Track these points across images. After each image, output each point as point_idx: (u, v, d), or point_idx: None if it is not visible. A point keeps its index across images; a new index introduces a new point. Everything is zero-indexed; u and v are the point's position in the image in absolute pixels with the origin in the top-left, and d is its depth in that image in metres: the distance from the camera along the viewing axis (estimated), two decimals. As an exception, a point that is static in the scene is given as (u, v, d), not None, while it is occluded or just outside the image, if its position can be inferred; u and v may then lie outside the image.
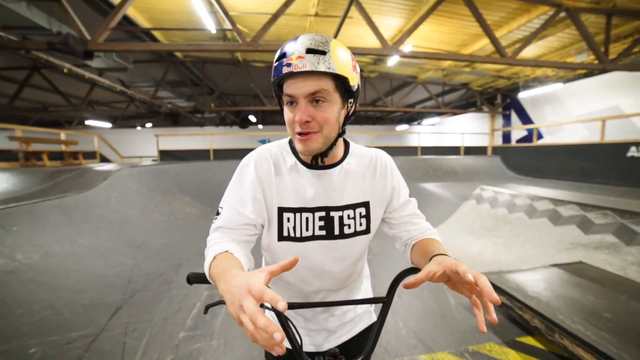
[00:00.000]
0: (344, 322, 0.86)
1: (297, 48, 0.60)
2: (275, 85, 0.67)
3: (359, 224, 0.76)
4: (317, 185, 0.73)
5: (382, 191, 0.79)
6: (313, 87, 0.61)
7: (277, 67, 0.62)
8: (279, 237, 0.74)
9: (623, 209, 3.05)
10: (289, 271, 0.76)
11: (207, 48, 3.91)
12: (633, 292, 2.20)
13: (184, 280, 3.10)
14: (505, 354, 1.96)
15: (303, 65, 0.59)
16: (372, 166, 0.79)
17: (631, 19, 5.09)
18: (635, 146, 6.50)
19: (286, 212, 0.73)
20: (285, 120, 0.68)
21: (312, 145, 0.66)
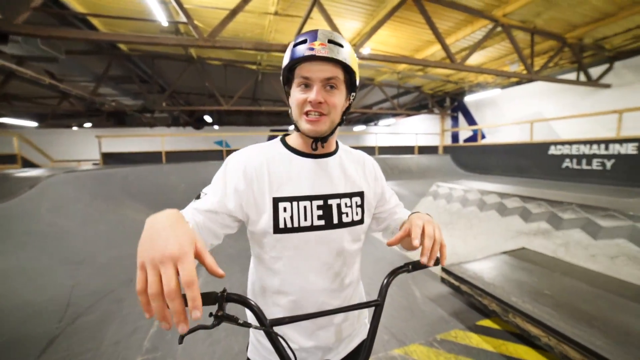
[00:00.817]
0: (340, 339, 0.81)
1: (319, 37, 0.67)
2: (286, 70, 0.71)
3: (355, 213, 0.78)
4: (314, 173, 0.75)
5: (374, 187, 0.84)
6: (329, 73, 0.68)
7: (296, 50, 0.67)
8: (274, 229, 0.70)
9: (552, 199, 3.51)
10: (291, 273, 0.73)
11: (159, 41, 3.52)
12: (563, 270, 2.54)
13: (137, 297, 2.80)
14: (469, 338, 2.11)
15: (326, 51, 0.65)
16: (362, 163, 0.85)
17: (547, 38, 5.99)
18: (554, 145, 7.58)
19: (282, 201, 0.71)
20: (292, 101, 0.71)
21: (320, 127, 0.70)
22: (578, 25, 5.70)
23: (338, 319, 0.79)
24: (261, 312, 0.62)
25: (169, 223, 0.45)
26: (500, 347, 2.00)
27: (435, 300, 2.63)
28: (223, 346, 2.06)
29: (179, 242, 0.41)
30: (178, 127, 13.43)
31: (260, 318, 0.62)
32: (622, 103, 6.64)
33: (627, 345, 1.58)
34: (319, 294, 0.75)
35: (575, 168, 7.10)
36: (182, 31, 5.79)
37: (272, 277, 0.75)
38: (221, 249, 3.98)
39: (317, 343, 0.77)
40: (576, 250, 2.96)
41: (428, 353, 1.97)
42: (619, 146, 6.37)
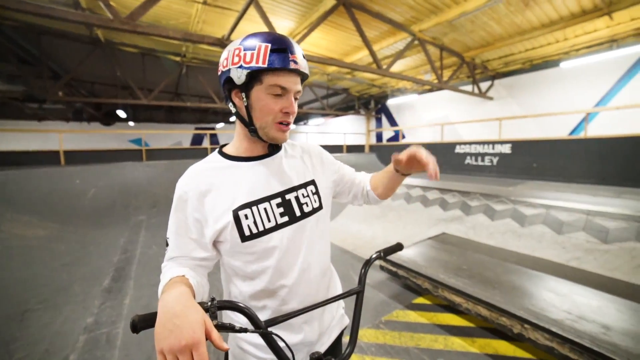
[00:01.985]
0: (323, 331, 0.84)
1: (296, 49, 0.68)
2: (252, 71, 0.67)
3: (313, 200, 0.80)
4: (265, 174, 0.76)
5: (323, 171, 0.89)
6: (299, 87, 0.72)
7: (277, 57, 0.65)
8: (241, 238, 0.70)
9: (463, 190, 4.22)
10: (270, 274, 0.74)
11: (56, 14, 2.80)
12: (473, 248, 3.09)
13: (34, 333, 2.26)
14: (408, 315, 2.39)
15: (304, 66, 0.69)
16: (307, 152, 0.89)
17: (451, 55, 7.17)
18: (458, 145, 9.10)
19: (241, 209, 0.70)
20: (263, 108, 0.70)
21: (287, 135, 0.75)
22: (472, 48, 7.00)
23: (319, 311, 0.81)
24: (255, 315, 0.61)
25: (180, 308, 0.50)
26: (433, 318, 2.33)
27: (376, 287, 2.88)
28: None
29: (192, 329, 0.46)
30: (81, 122, 11.21)
31: (256, 321, 0.60)
32: (501, 112, 8.44)
33: (513, 296, 2.08)
34: (301, 287, 0.76)
35: (474, 164, 8.66)
36: (84, 6, 4.85)
37: (251, 283, 0.73)
38: (150, 259, 3.52)
39: (303, 338, 0.78)
40: (480, 231, 3.64)
41: (376, 334, 2.15)
42: (500, 146, 8.05)
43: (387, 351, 1.98)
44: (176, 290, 0.55)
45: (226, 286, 0.81)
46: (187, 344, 0.45)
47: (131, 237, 4.29)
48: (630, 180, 5.66)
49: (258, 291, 0.73)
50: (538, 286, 2.22)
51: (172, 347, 0.45)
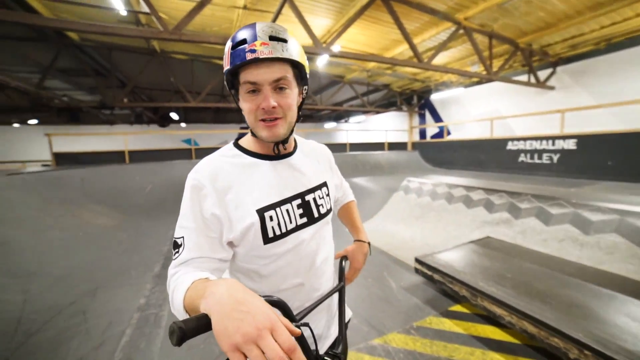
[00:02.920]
0: (329, 321, 0.86)
1: (259, 34, 0.61)
2: (229, 74, 0.66)
3: (327, 202, 0.81)
4: (285, 174, 0.74)
5: (331, 175, 0.90)
6: (278, 74, 0.63)
7: (235, 54, 0.62)
8: (264, 240, 0.68)
9: (512, 190, 3.83)
10: (286, 276, 0.74)
11: (118, 32, 3.24)
12: (521, 255, 2.78)
13: (103, 306, 2.61)
14: (442, 323, 2.24)
15: (269, 51, 0.60)
16: (319, 153, 0.88)
17: (502, 42, 6.48)
18: (511, 141, 8.25)
19: (267, 210, 0.68)
20: (244, 109, 0.67)
21: (278, 131, 0.67)
22: (527, 32, 6.25)
23: (327, 303, 0.85)
24: (289, 308, 0.58)
25: (242, 295, 0.41)
26: (470, 329, 2.16)
27: (409, 290, 2.76)
28: (202, 350, 2.00)
29: (263, 311, 0.39)
30: (142, 124, 12.60)
31: (289, 314, 0.58)
32: (564, 104, 7.42)
33: (571, 315, 1.81)
34: (311, 284, 0.78)
35: (528, 162, 7.79)
36: (143, 22, 5.42)
37: (262, 283, 0.74)
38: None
39: (315, 330, 0.80)
40: (531, 236, 3.26)
41: (406, 340, 2.06)
42: (563, 142, 7.10)
43: (416, 359, 1.89)
44: (222, 283, 0.45)
45: None
46: (264, 326, 0.37)
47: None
48: None
49: (268, 290, 0.74)
50: (608, 307, 1.88)
51: (249, 335, 0.37)
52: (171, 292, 0.57)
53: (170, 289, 0.58)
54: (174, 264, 0.63)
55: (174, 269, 0.62)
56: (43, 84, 6.72)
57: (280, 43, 0.62)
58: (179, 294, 0.53)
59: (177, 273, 0.60)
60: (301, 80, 0.71)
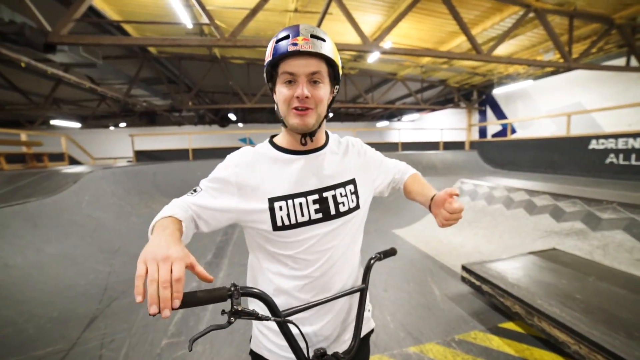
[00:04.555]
0: (344, 328, 0.83)
1: (301, 32, 0.68)
2: (269, 66, 0.71)
3: (351, 200, 0.80)
4: (306, 169, 0.77)
5: (366, 167, 0.88)
6: (314, 67, 0.69)
7: (278, 47, 0.68)
8: (273, 227, 0.73)
9: (589, 197, 3.25)
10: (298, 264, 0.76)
11: (183, 43, 3.69)
12: (599, 274, 2.35)
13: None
14: (489, 340, 2.03)
15: (309, 46, 0.67)
16: (351, 149, 0.88)
17: (589, 21, 5.48)
18: (595, 139, 6.97)
19: (277, 201, 0.73)
20: (279, 98, 0.72)
21: (308, 120, 0.71)
22: (630, 3, 5.12)
23: (331, 305, 0.80)
24: (274, 304, 0.64)
25: (171, 239, 0.55)
26: (524, 351, 1.91)
27: (454, 300, 2.56)
28: (242, 334, 2.15)
29: (176, 250, 0.51)
30: (204, 125, 13.98)
31: (274, 309, 0.63)
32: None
33: None
34: (322, 281, 0.77)
35: (621, 164, 6.49)
36: (206, 32, 6.01)
37: (277, 265, 0.77)
38: (244, 242, 4.12)
39: (317, 330, 0.79)
40: (617, 253, 2.73)
41: (445, 353, 1.92)
42: (673, 139, 5.74)
43: (456, 374, 1.75)
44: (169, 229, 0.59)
45: (253, 270, 0.85)
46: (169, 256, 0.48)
47: (232, 221, 5.13)
48: None
49: (280, 274, 0.77)
50: None
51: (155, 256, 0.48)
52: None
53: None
54: (185, 198, 0.74)
55: (183, 198, 0.74)
56: (129, 93, 7.94)
57: (319, 41, 0.68)
58: (156, 217, 0.66)
59: (176, 200, 0.73)
60: (334, 78, 0.75)
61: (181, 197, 0.74)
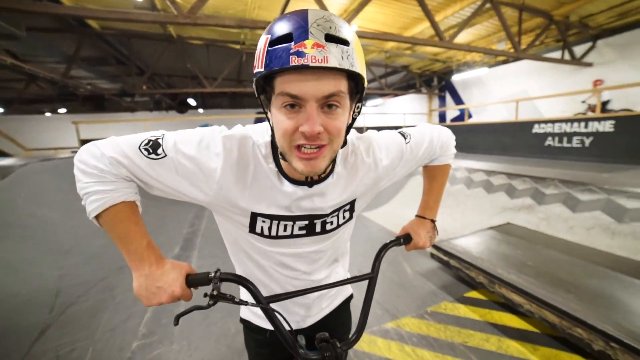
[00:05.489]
0: (322, 295, 0.82)
1: (312, 30, 0.44)
2: (261, 78, 0.48)
3: (342, 217, 0.70)
4: (305, 198, 0.63)
5: (376, 181, 0.71)
6: (330, 88, 0.46)
7: (274, 54, 0.45)
8: (250, 229, 0.65)
9: (536, 175, 3.63)
10: (275, 263, 0.71)
11: (133, 17, 3.26)
12: (544, 242, 2.67)
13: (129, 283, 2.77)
14: (457, 309, 2.21)
15: (323, 58, 0.43)
16: (359, 165, 0.68)
17: (535, 15, 5.97)
18: (537, 124, 7.75)
19: (261, 217, 0.63)
20: (276, 127, 0.51)
21: (318, 165, 0.52)
22: (565, 2, 5.70)
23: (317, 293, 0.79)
24: (257, 290, 0.62)
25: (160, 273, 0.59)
26: (486, 315, 2.12)
27: (425, 275, 2.73)
28: (220, 327, 2.09)
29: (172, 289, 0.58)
30: (160, 111, 12.92)
31: (257, 295, 0.62)
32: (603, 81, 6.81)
33: (596, 306, 1.73)
34: (305, 276, 0.75)
35: (557, 146, 7.31)
36: (159, 7, 5.43)
37: (256, 266, 0.73)
38: (214, 232, 3.96)
39: (307, 309, 0.80)
40: (556, 223, 3.11)
41: (419, 325, 2.06)
42: (597, 124, 6.57)
43: (430, 343, 1.88)
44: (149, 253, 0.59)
45: (234, 262, 0.81)
46: (171, 301, 0.58)
47: (198, 213, 4.86)
48: None
49: (257, 270, 0.73)
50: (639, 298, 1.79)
51: (160, 304, 0.58)
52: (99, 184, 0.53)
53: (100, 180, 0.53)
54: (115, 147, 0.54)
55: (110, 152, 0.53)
56: (68, 73, 6.98)
57: (340, 46, 0.45)
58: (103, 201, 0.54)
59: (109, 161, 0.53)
60: (356, 92, 0.53)
61: (127, 144, 0.54)
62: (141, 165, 0.55)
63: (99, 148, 0.54)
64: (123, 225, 0.57)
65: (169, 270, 0.59)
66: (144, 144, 0.55)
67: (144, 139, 0.56)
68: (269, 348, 0.83)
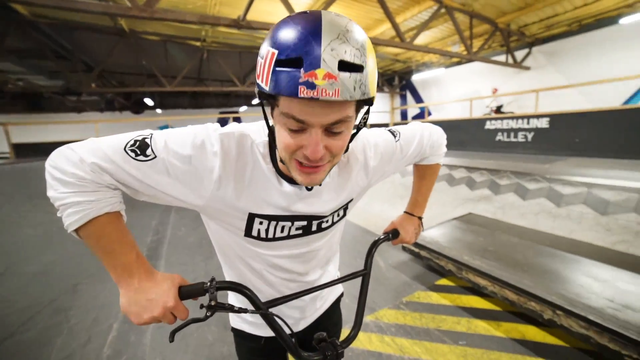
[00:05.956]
0: (315, 296, 0.82)
1: (325, 57, 0.40)
2: (265, 94, 0.47)
3: (337, 215, 0.71)
4: (302, 199, 0.63)
5: (369, 182, 0.73)
6: (337, 116, 0.45)
7: (281, 76, 0.42)
8: (246, 233, 0.63)
9: (492, 168, 3.97)
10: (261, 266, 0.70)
11: (78, 7, 2.89)
12: (502, 229, 2.93)
13: (87, 302, 2.52)
14: (430, 296, 2.35)
15: (335, 91, 0.41)
16: (353, 166, 0.69)
17: (483, 22, 6.54)
18: (489, 121, 8.50)
19: (259, 218, 0.62)
20: (278, 139, 0.51)
21: (317, 177, 0.52)
22: (506, 12, 6.33)
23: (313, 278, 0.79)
24: (255, 296, 0.60)
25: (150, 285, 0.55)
26: (456, 300, 2.27)
27: (398, 268, 2.85)
28: (196, 338, 1.99)
29: (164, 301, 0.54)
30: (114, 111, 11.85)
31: (255, 301, 0.60)
32: (539, 83, 7.68)
33: (545, 280, 1.97)
34: (299, 277, 0.75)
35: (505, 140, 8.07)
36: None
37: (251, 270, 0.71)
38: (180, 239, 3.75)
39: (301, 311, 0.80)
40: (510, 211, 3.43)
41: (396, 315, 2.15)
42: (536, 120, 7.38)
43: (407, 332, 1.97)
44: (138, 266, 0.54)
45: (224, 261, 0.77)
46: (164, 313, 0.53)
47: (162, 219, 4.57)
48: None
49: (251, 275, 0.72)
50: (574, 271, 2.07)
51: (152, 319, 0.53)
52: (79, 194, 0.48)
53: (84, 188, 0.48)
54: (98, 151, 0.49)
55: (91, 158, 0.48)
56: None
57: (354, 75, 0.42)
58: (84, 213, 0.48)
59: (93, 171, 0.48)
60: (363, 105, 0.52)
61: (111, 147, 0.49)
62: (128, 169, 0.50)
63: (76, 152, 0.48)
64: (109, 238, 0.52)
65: (161, 282, 0.54)
66: (130, 145, 0.50)
67: (129, 140, 0.51)
68: (263, 356, 0.81)
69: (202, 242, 3.57)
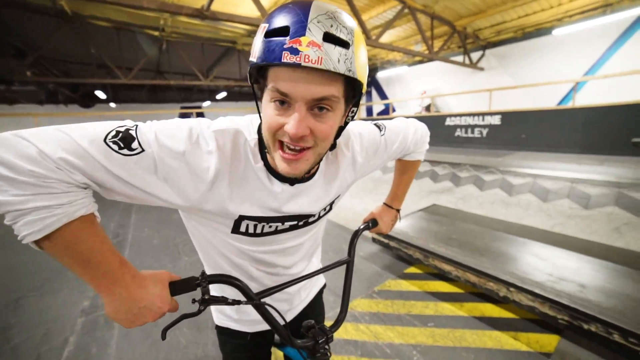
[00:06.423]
0: (300, 287, 0.85)
1: (310, 26, 0.41)
2: (254, 69, 0.47)
3: (323, 209, 0.71)
4: (292, 199, 0.62)
5: (355, 178, 0.74)
6: (322, 92, 0.44)
7: (269, 45, 0.42)
8: (233, 230, 0.62)
9: (453, 162, 4.26)
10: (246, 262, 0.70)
11: None
12: (463, 218, 3.17)
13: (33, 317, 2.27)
14: (400, 284, 2.48)
15: (318, 58, 0.41)
16: (340, 163, 0.68)
17: (442, 24, 6.94)
18: (449, 117, 9.08)
19: (247, 219, 0.60)
20: (263, 118, 0.50)
21: (300, 167, 0.51)
22: (463, 16, 6.79)
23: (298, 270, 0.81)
24: (247, 286, 0.60)
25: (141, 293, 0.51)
26: (424, 286, 2.42)
27: (369, 259, 2.96)
28: (167, 342, 1.90)
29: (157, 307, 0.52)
30: (57, 104, 10.64)
31: (248, 293, 0.59)
32: (492, 83, 8.37)
33: (500, 262, 2.19)
34: (288, 269, 0.76)
35: (464, 136, 8.68)
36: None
37: (234, 267, 0.70)
38: (144, 241, 3.51)
39: (289, 303, 0.82)
40: (470, 201, 3.72)
41: (369, 304, 2.24)
42: (490, 118, 8.04)
43: (381, 319, 2.07)
44: (123, 272, 0.48)
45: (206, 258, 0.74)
46: (158, 317, 0.52)
47: (122, 221, 4.24)
48: (614, 149, 5.80)
49: (235, 271, 0.71)
50: (523, 252, 2.32)
51: (145, 323, 0.51)
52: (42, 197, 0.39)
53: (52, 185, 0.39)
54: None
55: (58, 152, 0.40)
56: None
57: (338, 48, 0.42)
58: (52, 219, 0.40)
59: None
60: (352, 97, 0.51)
61: (85, 138, 0.42)
62: (109, 166, 0.43)
63: (32, 143, 0.38)
64: (85, 245, 0.44)
65: (151, 286, 0.51)
66: (111, 137, 0.44)
67: (109, 130, 0.45)
68: (248, 352, 0.81)
69: (169, 244, 3.39)
